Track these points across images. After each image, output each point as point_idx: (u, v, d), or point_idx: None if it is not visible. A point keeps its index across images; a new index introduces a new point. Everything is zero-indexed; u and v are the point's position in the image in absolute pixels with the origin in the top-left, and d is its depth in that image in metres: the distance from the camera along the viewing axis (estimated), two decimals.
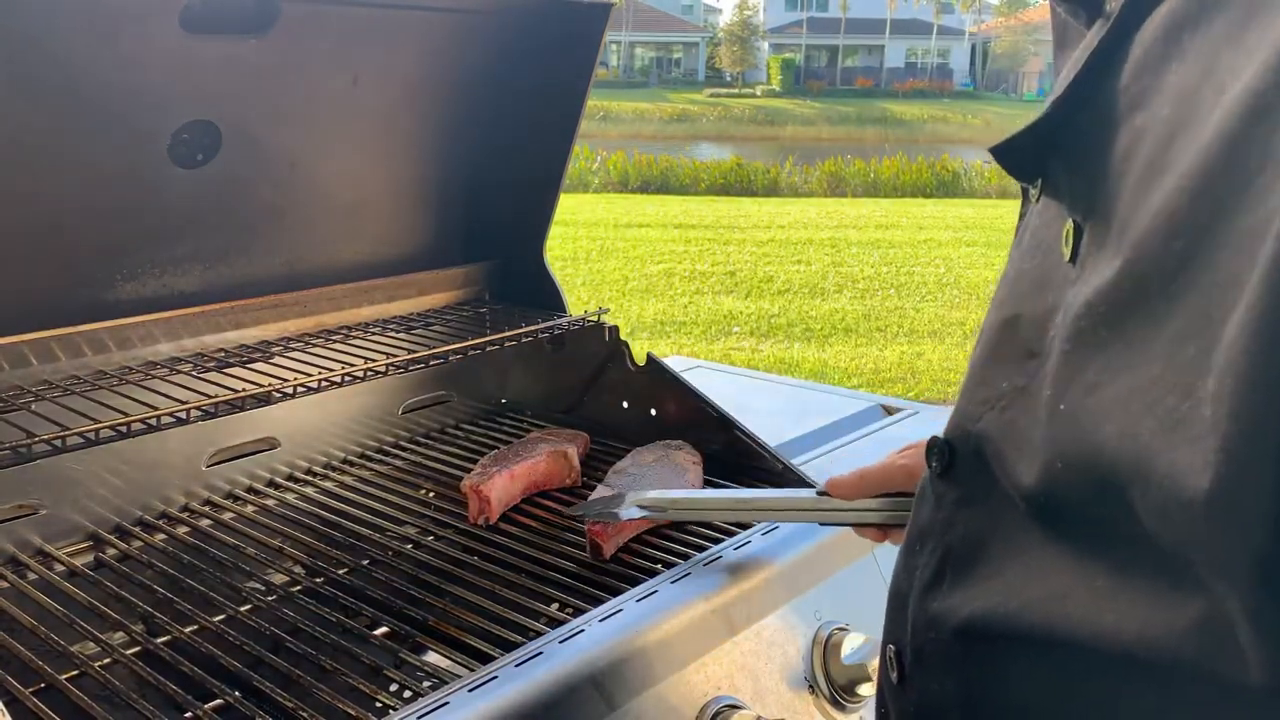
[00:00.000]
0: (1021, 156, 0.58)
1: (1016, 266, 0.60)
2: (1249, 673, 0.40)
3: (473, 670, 0.84)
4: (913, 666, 0.62)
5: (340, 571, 1.07)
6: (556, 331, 1.47)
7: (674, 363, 1.54)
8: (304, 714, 0.80)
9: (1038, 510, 0.52)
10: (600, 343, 1.49)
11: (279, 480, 1.32)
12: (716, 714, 0.91)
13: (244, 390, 1.15)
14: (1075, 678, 0.49)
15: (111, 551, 1.13)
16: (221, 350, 1.32)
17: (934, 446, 0.62)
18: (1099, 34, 0.53)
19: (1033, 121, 0.55)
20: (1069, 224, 0.52)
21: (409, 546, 1.12)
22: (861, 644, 1.03)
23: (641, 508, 1.04)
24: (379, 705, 0.82)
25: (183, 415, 1.09)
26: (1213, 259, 0.41)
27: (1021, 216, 0.63)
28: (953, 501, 0.60)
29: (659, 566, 1.06)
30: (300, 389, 1.19)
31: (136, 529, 1.17)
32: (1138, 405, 0.43)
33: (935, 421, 1.48)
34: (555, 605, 1.00)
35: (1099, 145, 0.50)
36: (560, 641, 0.87)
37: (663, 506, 1.05)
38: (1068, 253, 0.52)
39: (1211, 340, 0.40)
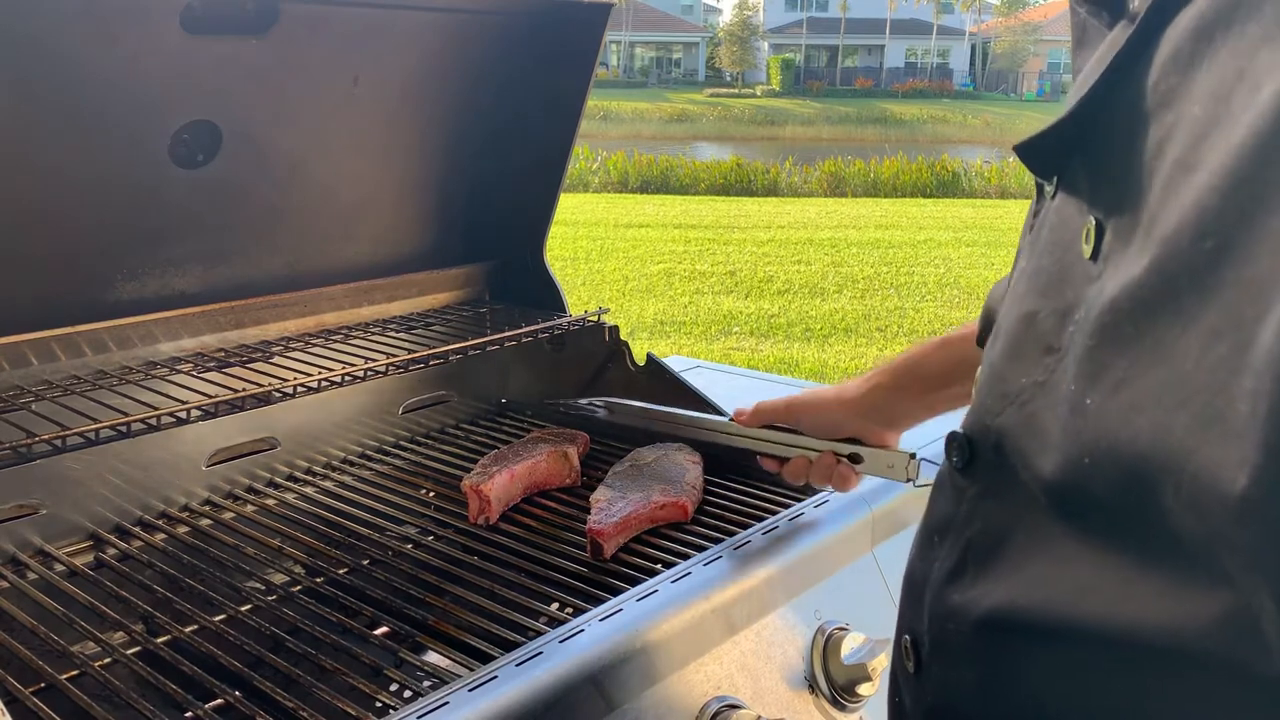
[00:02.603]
0: (1043, 153, 0.58)
1: (1034, 263, 0.60)
2: (1273, 665, 0.40)
3: (473, 670, 0.84)
4: (930, 656, 0.63)
5: (340, 571, 1.07)
6: (556, 331, 1.47)
7: (674, 363, 1.54)
8: (304, 714, 0.80)
9: (1060, 504, 0.52)
10: (600, 343, 1.49)
11: (279, 480, 1.32)
12: (716, 714, 0.91)
13: (244, 390, 1.15)
14: (1097, 669, 0.50)
15: (111, 551, 1.13)
16: (221, 350, 1.32)
17: (954, 441, 0.62)
18: (1125, 33, 0.52)
19: (1058, 120, 0.55)
20: (1090, 222, 0.53)
21: (409, 546, 1.12)
22: (861, 644, 1.03)
23: (600, 406, 1.34)
24: (379, 705, 0.82)
25: (183, 415, 1.09)
26: (1245, 257, 0.41)
27: (1036, 213, 0.63)
28: (973, 496, 0.61)
29: (659, 566, 1.06)
30: (300, 389, 1.19)
31: (136, 529, 1.17)
32: (1170, 401, 0.44)
33: (934, 421, 1.48)
34: (555, 605, 1.00)
35: (1125, 143, 0.51)
36: (560, 641, 0.87)
37: (612, 409, 1.33)
38: (1088, 250, 0.52)
39: (1245, 338, 0.40)
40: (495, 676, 0.82)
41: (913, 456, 1.06)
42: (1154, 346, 0.45)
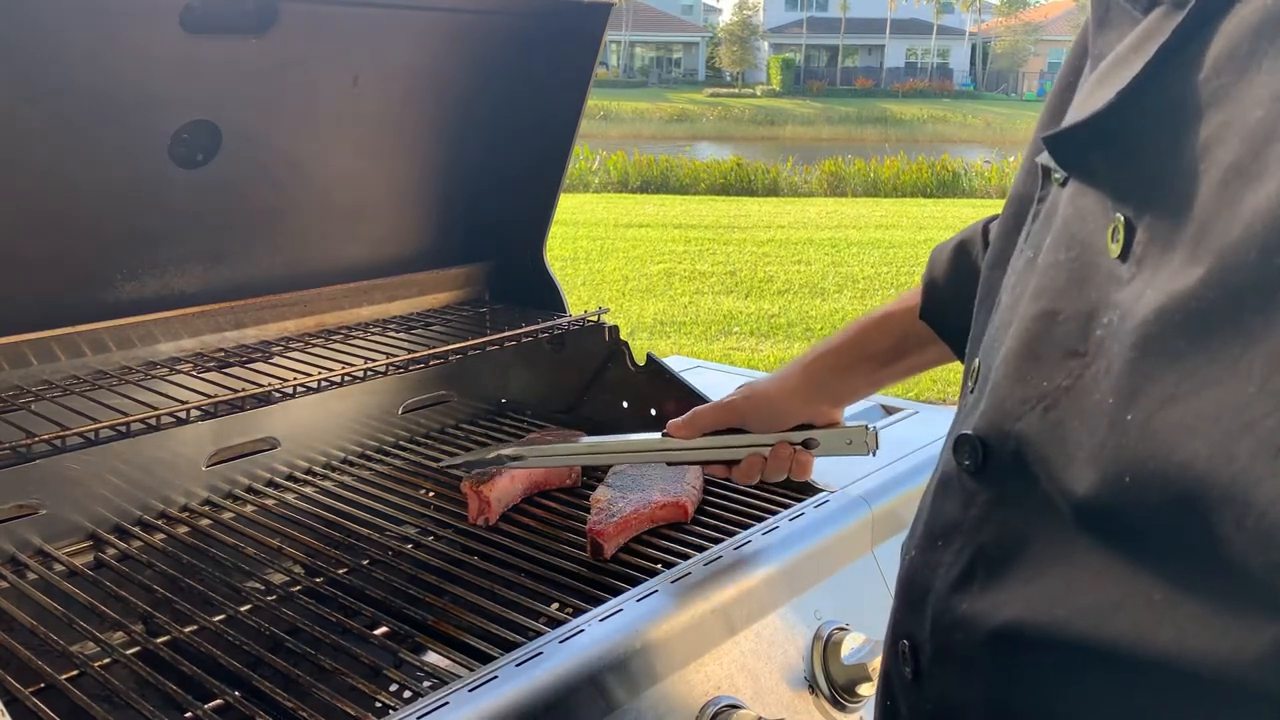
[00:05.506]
0: (1076, 144, 0.55)
1: (1047, 255, 0.57)
2: None
3: (473, 670, 0.84)
4: (932, 664, 0.61)
5: (340, 571, 1.07)
6: (556, 331, 1.47)
7: (674, 363, 1.54)
8: (304, 714, 0.80)
9: (1090, 519, 0.50)
10: (600, 343, 1.49)
11: (279, 480, 1.32)
12: (716, 714, 0.91)
13: (244, 390, 1.15)
14: (1120, 691, 0.48)
15: (111, 551, 1.13)
16: (221, 350, 1.32)
17: (965, 443, 0.59)
18: (1169, 21, 0.50)
19: (1097, 110, 0.52)
20: (1118, 219, 0.50)
21: (409, 546, 1.12)
22: (861, 644, 1.03)
23: (509, 458, 1.12)
24: (379, 705, 0.82)
25: (182, 415, 1.09)
26: None
27: (1040, 200, 0.61)
28: (985, 501, 0.58)
29: (659, 566, 1.06)
30: (300, 389, 1.19)
31: (136, 529, 1.17)
32: (1231, 425, 0.41)
33: (935, 421, 1.48)
34: (555, 605, 1.00)
35: (1163, 140, 0.48)
36: (560, 641, 0.87)
37: (524, 456, 1.12)
38: (1116, 250, 0.50)
39: None
40: (495, 676, 0.82)
41: (867, 428, 1.04)
42: (1209, 364, 0.43)
